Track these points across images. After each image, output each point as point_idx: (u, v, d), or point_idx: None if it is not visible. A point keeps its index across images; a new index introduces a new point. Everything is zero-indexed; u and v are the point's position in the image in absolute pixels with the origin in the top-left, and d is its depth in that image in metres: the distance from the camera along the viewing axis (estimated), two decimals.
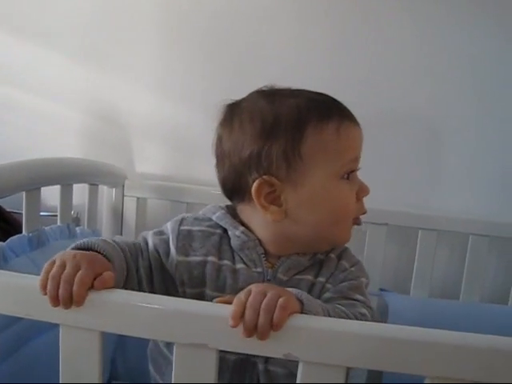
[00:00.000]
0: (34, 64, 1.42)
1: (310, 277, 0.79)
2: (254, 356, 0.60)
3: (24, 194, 0.96)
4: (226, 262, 0.78)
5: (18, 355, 0.88)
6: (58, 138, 1.43)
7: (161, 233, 0.82)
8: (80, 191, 1.19)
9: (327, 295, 0.77)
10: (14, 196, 0.94)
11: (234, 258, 0.78)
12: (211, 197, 1.29)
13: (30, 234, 0.97)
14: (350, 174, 0.78)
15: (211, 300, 0.71)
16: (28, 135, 1.44)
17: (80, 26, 1.40)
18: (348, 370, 0.59)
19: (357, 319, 0.70)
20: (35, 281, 0.67)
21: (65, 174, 1.10)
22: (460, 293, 1.25)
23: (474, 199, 1.30)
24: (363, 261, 0.86)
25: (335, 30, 1.31)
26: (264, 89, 0.82)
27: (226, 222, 0.80)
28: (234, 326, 0.58)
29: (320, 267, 0.80)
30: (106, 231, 1.33)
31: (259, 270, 0.78)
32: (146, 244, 0.81)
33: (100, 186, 1.27)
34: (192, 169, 1.39)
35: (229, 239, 0.79)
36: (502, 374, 0.55)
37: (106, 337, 0.64)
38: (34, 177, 0.98)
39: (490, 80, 1.27)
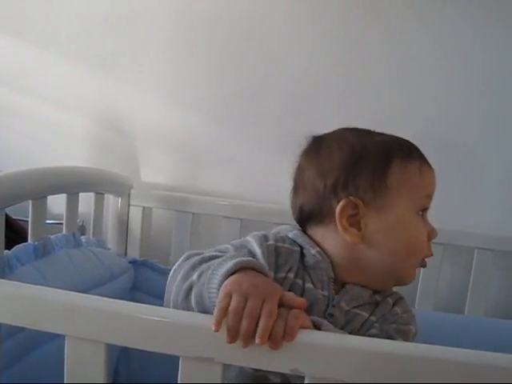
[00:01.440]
0: (42, 71, 1.44)
1: (365, 314, 0.80)
2: (298, 377, 0.60)
3: (30, 202, 0.96)
4: (298, 280, 0.78)
5: (21, 364, 0.88)
6: (64, 147, 1.44)
7: (243, 247, 0.79)
8: (86, 200, 1.19)
9: (373, 331, 0.78)
10: (21, 203, 0.94)
11: (304, 276, 0.79)
12: (217, 207, 1.31)
13: (36, 243, 0.97)
14: (423, 212, 0.82)
15: None
16: (35, 143, 1.44)
17: (90, 33, 1.41)
18: None
19: None
20: (40, 291, 0.67)
21: (71, 183, 1.10)
22: (465, 307, 1.24)
23: (479, 213, 1.30)
24: None
25: (350, 37, 1.31)
26: (348, 127, 0.86)
27: (303, 240, 0.81)
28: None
29: (375, 307, 0.81)
30: (111, 240, 1.33)
31: (325, 293, 0.78)
32: None
33: (106, 195, 1.27)
34: (198, 179, 1.39)
35: (303, 257, 0.80)
36: None
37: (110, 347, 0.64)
38: (41, 185, 0.98)
39: (496, 85, 1.27)
